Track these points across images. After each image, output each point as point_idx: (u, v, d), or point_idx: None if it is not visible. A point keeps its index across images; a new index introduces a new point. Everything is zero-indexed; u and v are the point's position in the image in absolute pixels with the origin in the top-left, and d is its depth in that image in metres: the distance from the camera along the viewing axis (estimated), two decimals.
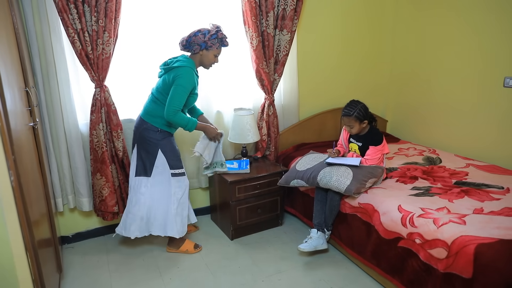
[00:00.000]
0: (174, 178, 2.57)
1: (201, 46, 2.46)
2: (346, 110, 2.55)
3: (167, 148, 2.53)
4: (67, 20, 2.38)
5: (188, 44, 2.46)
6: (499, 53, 2.84)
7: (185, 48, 2.49)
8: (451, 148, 3.28)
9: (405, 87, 3.70)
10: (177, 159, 2.58)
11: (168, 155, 2.53)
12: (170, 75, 2.41)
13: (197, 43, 2.45)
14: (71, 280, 2.47)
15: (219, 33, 2.47)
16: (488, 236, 1.84)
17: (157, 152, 2.51)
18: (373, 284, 2.38)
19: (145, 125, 2.49)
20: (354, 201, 2.47)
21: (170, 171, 2.55)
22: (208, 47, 2.47)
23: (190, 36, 2.45)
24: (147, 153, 2.53)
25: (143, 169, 2.57)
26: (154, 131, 2.49)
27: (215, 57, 2.54)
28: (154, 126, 2.48)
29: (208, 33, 2.44)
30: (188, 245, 2.77)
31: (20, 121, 1.77)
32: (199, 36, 2.43)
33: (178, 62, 2.44)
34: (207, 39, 2.44)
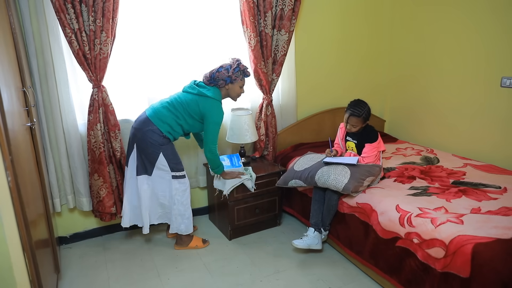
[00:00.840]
0: (175, 180, 2.59)
1: (226, 81, 2.57)
2: (356, 111, 2.54)
3: (168, 152, 2.56)
4: (64, 20, 2.38)
5: (213, 80, 2.56)
6: (496, 53, 2.85)
7: (210, 83, 2.58)
8: (448, 148, 3.29)
9: (403, 87, 3.70)
10: (178, 162, 2.61)
11: (170, 159, 2.56)
12: (202, 102, 2.52)
13: (222, 79, 2.56)
14: (69, 281, 2.46)
15: (240, 65, 2.58)
16: (486, 235, 1.84)
17: (159, 155, 2.53)
18: (371, 284, 2.38)
19: (151, 127, 2.50)
20: (352, 201, 2.48)
21: (171, 173, 2.58)
22: (233, 81, 2.59)
23: (213, 72, 2.57)
24: (148, 154, 2.54)
25: (143, 169, 2.58)
26: (159, 134, 2.51)
27: (241, 88, 2.67)
28: (160, 130, 2.51)
29: (230, 67, 2.55)
30: (196, 241, 2.80)
31: (17, 121, 1.76)
32: (222, 72, 2.54)
33: (211, 92, 2.55)
34: (231, 73, 2.55)
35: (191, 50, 2.94)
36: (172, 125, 2.52)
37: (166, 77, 2.91)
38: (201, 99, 2.52)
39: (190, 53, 2.94)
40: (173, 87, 2.92)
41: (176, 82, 2.93)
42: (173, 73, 2.93)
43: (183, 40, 2.90)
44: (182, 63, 2.94)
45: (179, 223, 2.67)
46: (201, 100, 2.52)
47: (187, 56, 2.93)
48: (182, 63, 2.94)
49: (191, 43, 2.93)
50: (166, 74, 2.91)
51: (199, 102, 2.52)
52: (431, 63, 3.37)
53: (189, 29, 2.91)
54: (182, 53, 2.92)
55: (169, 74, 2.92)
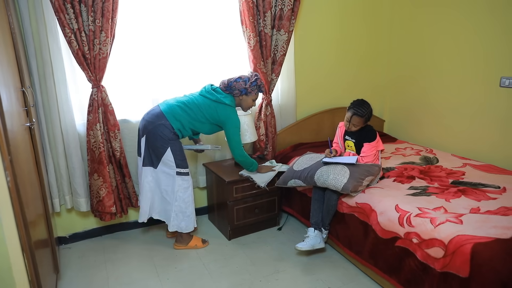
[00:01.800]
0: (178, 176, 2.61)
1: (242, 92, 2.67)
2: (359, 111, 2.54)
3: (176, 148, 2.58)
4: (63, 20, 2.38)
5: (229, 88, 2.66)
6: (496, 53, 2.85)
7: (226, 89, 2.67)
8: (448, 148, 3.30)
9: (402, 87, 3.71)
10: (184, 159, 2.64)
11: (177, 154, 2.58)
12: (221, 109, 2.61)
13: (238, 89, 2.65)
14: (68, 281, 2.46)
15: (258, 80, 2.69)
16: (485, 235, 1.84)
17: (166, 149, 2.55)
18: (370, 284, 2.39)
19: (163, 121, 2.53)
20: (352, 201, 2.48)
21: (176, 169, 2.60)
22: (248, 93, 2.69)
23: (231, 81, 2.65)
24: (155, 148, 2.56)
25: (149, 161, 2.61)
26: (170, 130, 2.54)
27: (253, 102, 2.78)
28: (171, 126, 2.54)
29: (248, 80, 2.65)
30: (196, 240, 2.81)
31: (16, 121, 1.76)
32: (240, 83, 2.64)
33: (228, 100, 2.64)
34: (248, 86, 2.65)
35: (190, 50, 2.94)
36: (184, 124, 2.57)
37: (166, 77, 2.91)
38: (219, 106, 2.61)
39: (189, 53, 2.94)
40: (172, 86, 2.93)
41: (176, 82, 2.94)
42: (172, 73, 2.93)
43: (182, 40, 2.90)
44: (181, 63, 2.94)
45: (179, 220, 2.67)
46: (220, 107, 2.61)
47: (186, 56, 2.94)
48: (181, 63, 2.94)
49: (190, 43, 2.93)
50: (166, 74, 2.91)
51: (218, 109, 2.60)
52: (430, 63, 3.37)
53: (189, 29, 2.91)
54: (181, 53, 2.92)
55: (168, 74, 2.92)
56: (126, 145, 2.88)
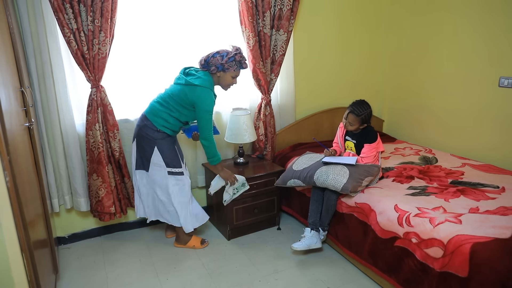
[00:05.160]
0: (171, 176, 2.59)
1: (218, 68, 2.50)
2: (356, 109, 2.55)
3: (163, 147, 2.55)
4: (62, 19, 2.37)
5: (206, 64, 2.51)
6: (494, 53, 2.85)
7: (203, 67, 2.54)
8: (447, 148, 3.30)
9: (401, 87, 3.71)
10: (174, 158, 2.60)
11: (164, 154, 2.55)
12: (190, 92, 2.47)
13: (215, 65, 2.49)
14: (67, 281, 2.46)
15: (237, 55, 2.50)
16: (484, 235, 1.85)
17: (153, 149, 2.54)
18: (370, 284, 2.39)
19: (146, 122, 2.53)
20: (351, 201, 2.48)
21: (167, 169, 2.57)
22: (225, 69, 2.51)
23: (208, 57, 2.50)
24: (143, 149, 2.56)
25: (141, 164, 2.61)
26: (153, 129, 2.52)
27: (233, 79, 2.59)
28: (153, 125, 2.52)
29: (226, 55, 2.48)
30: (195, 241, 2.80)
31: (15, 121, 1.76)
32: (217, 58, 2.48)
33: (199, 80, 2.48)
34: (225, 62, 2.48)
35: (189, 50, 2.93)
36: (166, 118, 2.52)
37: (165, 77, 2.90)
38: (188, 89, 2.47)
39: (188, 53, 2.93)
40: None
41: None
42: (172, 73, 2.91)
43: (182, 40, 2.90)
44: (181, 63, 2.92)
45: (175, 220, 2.68)
46: (189, 89, 2.47)
47: (186, 56, 2.93)
48: (181, 63, 2.92)
49: (190, 43, 2.93)
50: (165, 74, 2.90)
51: (187, 91, 2.47)
52: (429, 63, 3.38)
53: (188, 29, 2.91)
54: (181, 53, 2.92)
55: (168, 74, 2.91)
56: (125, 145, 2.87)
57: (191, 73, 2.56)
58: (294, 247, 2.52)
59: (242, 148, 3.09)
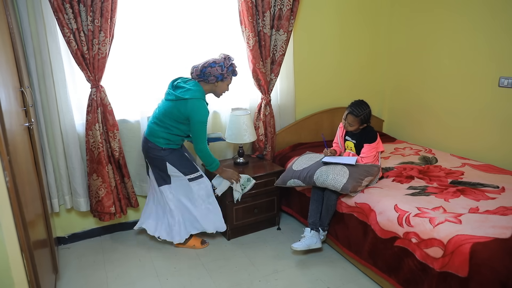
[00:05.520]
0: (192, 182, 2.63)
1: (218, 78, 2.52)
2: (355, 110, 2.55)
3: (174, 160, 2.59)
4: (62, 19, 2.37)
5: (203, 74, 2.51)
6: (494, 53, 2.85)
7: (199, 77, 2.53)
8: (447, 148, 3.30)
9: (401, 87, 3.71)
10: (188, 165, 2.63)
11: (178, 165, 2.59)
12: (182, 106, 2.46)
13: (214, 75, 2.51)
14: (67, 281, 2.46)
15: (233, 64, 2.57)
16: (484, 235, 1.85)
17: (166, 165, 2.58)
18: (369, 284, 2.39)
19: (150, 144, 2.57)
20: (351, 201, 2.48)
21: (186, 177, 2.61)
22: (224, 79, 2.56)
23: (204, 67, 2.50)
24: (158, 168, 2.61)
25: (162, 180, 2.64)
26: (158, 149, 2.56)
27: (227, 86, 2.65)
28: (157, 145, 2.55)
29: (224, 66, 2.51)
30: (195, 241, 2.81)
31: (15, 121, 1.76)
32: (216, 68, 2.49)
33: (189, 93, 2.47)
34: (225, 72, 2.52)
35: (189, 50, 2.94)
36: (167, 137, 2.55)
37: (165, 77, 2.90)
38: (180, 104, 2.47)
39: (188, 53, 2.93)
40: None
41: None
42: (171, 73, 2.92)
43: (181, 40, 2.90)
44: (181, 63, 2.93)
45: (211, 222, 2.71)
46: (180, 104, 2.46)
47: (186, 56, 2.93)
48: (181, 63, 2.93)
49: (190, 43, 2.93)
50: (165, 74, 2.90)
51: (179, 106, 2.47)
52: (429, 63, 3.38)
53: (188, 29, 2.91)
54: (181, 53, 2.92)
55: (167, 74, 2.91)
56: (125, 145, 2.87)
57: (180, 85, 2.55)
58: (294, 247, 2.52)
59: (242, 148, 3.09)
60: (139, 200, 2.99)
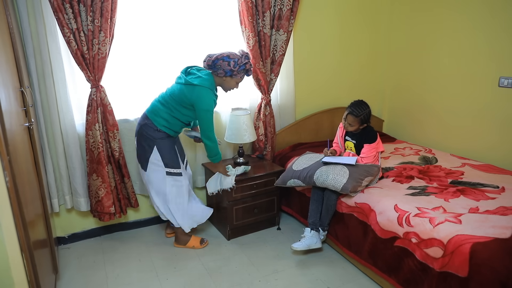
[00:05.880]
0: (169, 177, 2.60)
1: (226, 73, 2.50)
2: (354, 110, 2.55)
3: (163, 147, 2.56)
4: (62, 19, 2.37)
5: (214, 65, 2.48)
6: (495, 52, 2.85)
7: (210, 67, 2.51)
8: (447, 148, 3.30)
9: (401, 87, 3.71)
10: (173, 158, 2.60)
11: (163, 154, 2.56)
12: (189, 91, 2.46)
13: (223, 69, 2.47)
14: (67, 281, 2.46)
15: (247, 64, 2.52)
16: (484, 235, 1.85)
17: (153, 148, 2.55)
18: (369, 284, 2.39)
19: (146, 121, 2.54)
20: (351, 201, 2.48)
21: (165, 169, 2.58)
22: (233, 75, 2.52)
23: (217, 58, 2.47)
24: (143, 147, 2.57)
25: (140, 161, 2.63)
26: (153, 129, 2.53)
27: (237, 84, 2.62)
28: (154, 124, 2.52)
29: (237, 62, 2.47)
30: (194, 241, 2.80)
31: (15, 121, 1.76)
32: (226, 62, 2.45)
33: (198, 79, 2.46)
34: (235, 69, 2.48)
35: (189, 50, 2.94)
36: (167, 118, 2.52)
37: (165, 77, 2.91)
38: (187, 88, 2.46)
39: (188, 53, 2.93)
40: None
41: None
42: (171, 73, 2.92)
43: (181, 39, 2.90)
44: (181, 63, 2.92)
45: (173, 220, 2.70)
46: (188, 89, 2.46)
47: (186, 56, 2.93)
48: (181, 63, 2.92)
49: (190, 43, 2.93)
50: (165, 74, 2.90)
51: (186, 91, 2.46)
52: (429, 63, 3.38)
53: (188, 29, 2.91)
54: (181, 53, 2.92)
55: (167, 74, 2.91)
56: (125, 145, 2.87)
57: (192, 72, 2.55)
58: (294, 247, 2.52)
59: (242, 148, 3.09)
60: (139, 200, 2.99)
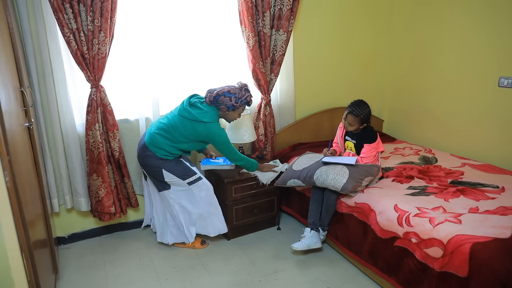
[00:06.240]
0: (193, 186, 2.62)
1: (229, 108, 2.55)
2: (354, 110, 2.55)
3: (170, 166, 2.57)
4: (62, 19, 2.37)
5: (215, 101, 2.52)
6: (494, 52, 2.85)
7: (212, 103, 2.54)
8: (446, 148, 3.30)
9: (401, 87, 3.71)
10: (185, 169, 2.61)
11: (174, 171, 2.57)
12: (201, 128, 2.50)
13: (225, 104, 2.52)
14: (67, 281, 2.46)
15: (248, 97, 2.57)
16: (484, 235, 1.85)
17: (163, 173, 2.56)
18: (369, 284, 2.39)
19: (148, 152, 2.55)
20: (351, 201, 2.48)
21: (185, 181, 2.60)
22: (235, 109, 2.58)
23: (218, 94, 2.50)
24: (155, 177, 2.60)
25: (161, 186, 2.63)
26: (156, 158, 2.54)
27: (239, 115, 2.68)
28: (156, 155, 2.53)
29: (237, 98, 2.52)
30: (195, 241, 2.80)
31: (15, 121, 1.76)
32: (228, 99, 2.50)
33: (207, 116, 2.50)
34: (237, 104, 2.54)
35: (189, 49, 2.94)
36: (167, 149, 2.54)
37: (165, 76, 2.91)
38: (198, 125, 2.50)
39: (188, 53, 2.94)
40: (171, 86, 2.93)
41: (175, 82, 2.94)
42: (171, 72, 2.93)
43: (181, 39, 2.90)
44: (180, 63, 2.94)
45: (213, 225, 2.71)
46: (199, 126, 2.50)
47: (185, 56, 2.94)
48: (180, 63, 2.94)
49: (190, 42, 2.93)
50: (165, 74, 2.91)
51: (197, 128, 2.50)
52: (429, 63, 3.38)
53: (188, 29, 2.91)
54: (180, 52, 2.92)
55: (167, 74, 2.92)
56: (125, 145, 2.87)
57: (197, 105, 2.54)
58: (294, 247, 2.52)
59: (242, 148, 3.09)
60: (139, 200, 2.99)
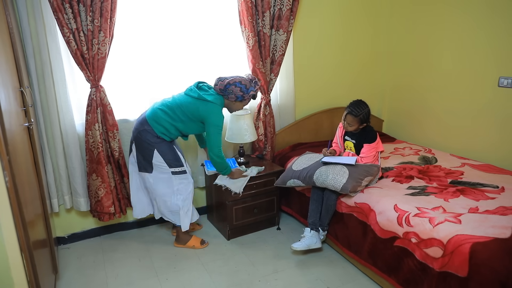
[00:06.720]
0: (175, 176, 2.61)
1: (237, 98, 2.58)
2: (353, 110, 2.56)
3: (163, 148, 2.55)
4: (62, 19, 2.37)
5: (225, 90, 2.54)
6: (494, 52, 2.85)
7: (221, 91, 2.56)
8: (446, 148, 3.30)
9: (401, 87, 3.71)
10: (175, 157, 2.61)
11: (165, 155, 2.56)
12: (202, 106, 2.51)
13: (235, 94, 2.55)
14: (67, 281, 2.46)
15: (256, 90, 2.65)
16: (483, 235, 1.85)
17: (153, 152, 2.54)
18: (369, 283, 2.39)
19: (146, 127, 2.53)
20: (350, 201, 2.48)
21: (170, 169, 2.58)
22: (243, 100, 2.62)
23: (229, 84, 2.53)
24: (144, 153, 2.56)
25: (143, 166, 2.60)
26: (153, 135, 2.53)
27: (243, 107, 2.72)
28: (154, 131, 2.52)
29: (246, 89, 2.56)
30: (195, 241, 2.81)
31: (15, 121, 1.76)
32: (238, 88, 2.53)
33: (212, 97, 2.54)
34: (246, 95, 2.58)
35: (189, 49, 2.94)
36: (167, 127, 2.53)
37: (164, 76, 2.91)
38: (201, 103, 2.52)
39: (188, 53, 2.93)
40: (171, 86, 2.92)
41: (175, 82, 2.93)
42: (171, 72, 2.93)
43: (181, 39, 2.90)
44: (180, 63, 2.94)
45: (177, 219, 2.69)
46: (201, 104, 2.52)
47: (185, 56, 2.93)
48: (180, 63, 2.94)
49: (189, 42, 2.93)
50: (164, 74, 2.91)
51: (199, 105, 2.51)
52: (429, 63, 3.38)
53: (187, 29, 2.91)
54: (180, 52, 2.92)
55: (167, 74, 2.92)
56: (124, 145, 2.87)
57: (204, 88, 2.60)
58: (293, 247, 2.52)
59: (242, 147, 3.10)
60: None
